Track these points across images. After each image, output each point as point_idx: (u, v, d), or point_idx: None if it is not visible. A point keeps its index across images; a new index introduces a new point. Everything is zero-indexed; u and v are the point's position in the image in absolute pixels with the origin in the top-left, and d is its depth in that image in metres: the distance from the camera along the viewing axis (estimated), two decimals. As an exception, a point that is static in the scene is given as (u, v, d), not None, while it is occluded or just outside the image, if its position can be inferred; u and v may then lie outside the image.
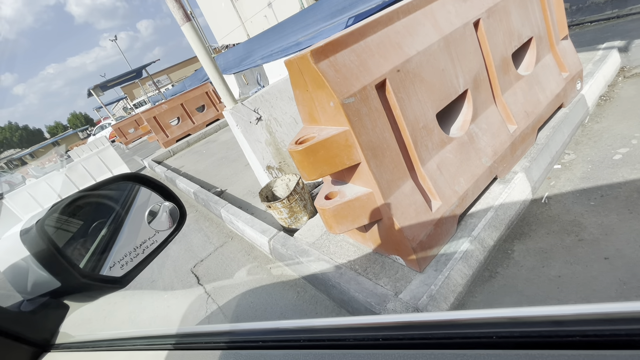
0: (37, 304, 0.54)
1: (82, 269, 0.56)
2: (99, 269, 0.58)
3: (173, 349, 0.40)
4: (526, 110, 2.01)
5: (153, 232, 0.63)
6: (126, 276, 0.59)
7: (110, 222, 0.62)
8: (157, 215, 0.64)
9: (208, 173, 5.43)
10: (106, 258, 0.58)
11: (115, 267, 0.58)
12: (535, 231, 1.76)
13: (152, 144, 11.61)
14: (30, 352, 0.51)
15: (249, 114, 2.77)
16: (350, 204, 1.47)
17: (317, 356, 0.31)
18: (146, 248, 0.61)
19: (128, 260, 0.59)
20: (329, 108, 1.34)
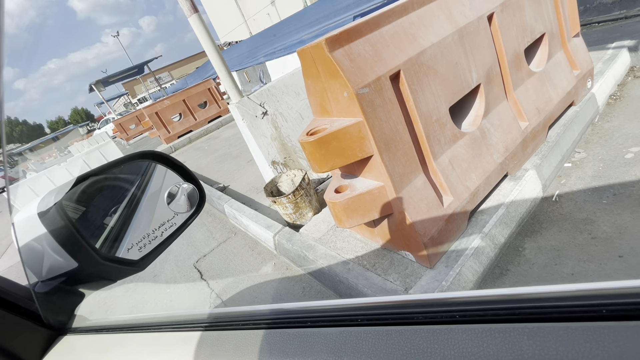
0: (52, 286, 0.51)
1: (100, 251, 0.53)
2: (115, 251, 0.55)
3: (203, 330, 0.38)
4: (537, 107, 1.98)
5: (172, 215, 0.60)
6: (144, 259, 0.57)
7: (126, 202, 0.59)
8: (175, 196, 0.61)
9: (210, 169, 5.40)
10: (122, 240, 0.56)
11: (133, 249, 0.56)
12: (546, 229, 1.74)
13: (153, 140, 11.58)
14: (46, 334, 0.49)
15: (254, 108, 2.74)
16: (361, 197, 1.45)
17: (377, 332, 0.28)
18: (164, 231, 0.59)
19: (146, 242, 0.57)
20: (342, 98, 1.32)
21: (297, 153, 2.95)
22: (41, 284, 0.52)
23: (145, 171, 0.61)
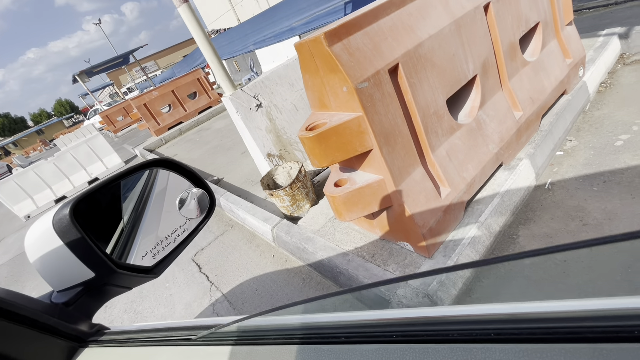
0: (70, 295, 0.51)
1: (115, 259, 0.53)
2: (130, 258, 0.55)
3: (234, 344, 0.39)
4: (531, 97, 2.00)
5: (184, 220, 0.60)
6: (158, 265, 0.57)
7: (138, 210, 0.59)
8: (185, 202, 0.61)
9: (203, 161, 5.35)
10: (135, 247, 0.56)
11: (147, 256, 0.56)
12: (539, 217, 1.79)
13: (142, 132, 11.36)
14: (66, 347, 0.49)
15: (248, 100, 2.71)
16: (361, 191, 1.46)
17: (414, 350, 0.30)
18: (177, 237, 0.59)
19: (160, 249, 0.57)
20: (341, 93, 1.31)
21: (293, 145, 2.94)
22: (58, 294, 0.52)
23: (154, 178, 0.61)
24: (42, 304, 0.48)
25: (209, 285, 2.50)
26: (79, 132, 16.42)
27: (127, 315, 2.54)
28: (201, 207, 0.63)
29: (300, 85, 2.91)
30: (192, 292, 2.51)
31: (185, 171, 0.62)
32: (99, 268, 0.50)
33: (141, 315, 2.48)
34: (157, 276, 0.56)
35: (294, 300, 1.83)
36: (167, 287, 2.71)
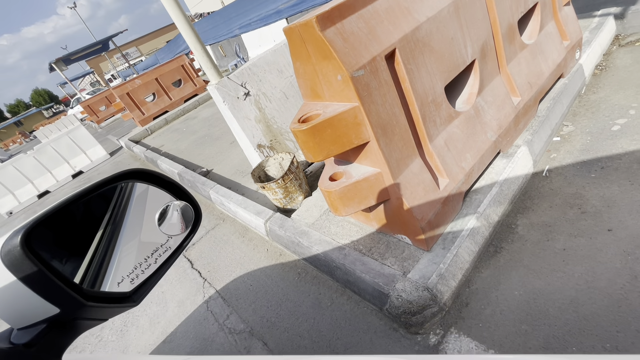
0: (32, 334, 0.44)
1: (85, 289, 0.46)
2: (105, 285, 0.48)
3: None
4: (529, 82, 1.95)
5: (165, 238, 0.53)
6: (137, 291, 0.50)
7: (109, 230, 0.51)
8: (166, 217, 0.54)
9: (191, 152, 5.20)
10: (109, 273, 0.48)
11: (124, 282, 0.49)
12: (538, 205, 1.76)
13: (127, 122, 10.99)
14: None
15: (235, 89, 2.58)
16: (358, 185, 1.40)
17: None
18: (159, 257, 0.51)
19: (139, 272, 0.50)
20: (335, 82, 1.22)
21: (284, 135, 2.84)
22: (18, 333, 0.45)
23: (130, 191, 0.53)
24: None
25: (201, 282, 2.44)
26: (60, 123, 15.82)
27: (118, 316, 2.46)
28: (185, 221, 0.56)
29: (289, 72, 2.79)
30: (184, 289, 2.45)
31: (163, 182, 0.54)
32: (64, 303, 0.43)
33: (133, 315, 2.41)
34: (136, 304, 0.49)
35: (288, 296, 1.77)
36: (158, 284, 2.63)
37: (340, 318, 1.68)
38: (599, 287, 1.32)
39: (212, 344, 1.87)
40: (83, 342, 2.37)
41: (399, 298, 1.44)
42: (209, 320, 2.05)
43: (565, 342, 1.22)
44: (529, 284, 1.44)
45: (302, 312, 1.82)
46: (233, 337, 1.85)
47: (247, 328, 1.87)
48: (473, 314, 1.43)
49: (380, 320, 1.58)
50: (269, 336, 1.77)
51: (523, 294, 1.42)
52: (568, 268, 1.43)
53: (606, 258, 1.40)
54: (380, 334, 1.52)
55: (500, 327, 1.35)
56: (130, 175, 0.50)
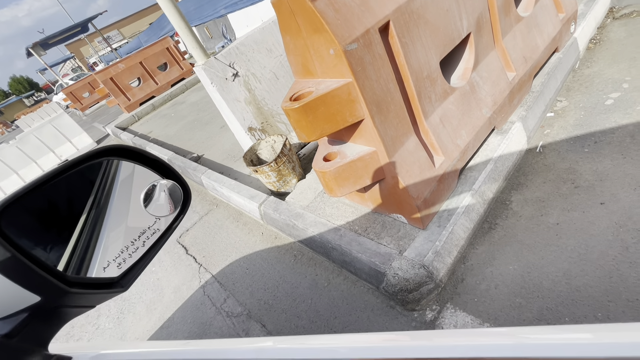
0: (13, 324, 0.41)
1: (67, 275, 0.43)
2: (91, 271, 0.45)
3: None
4: (525, 56, 1.91)
5: (153, 220, 0.50)
6: (125, 276, 0.47)
7: (93, 212, 0.47)
8: (153, 197, 0.50)
9: (180, 138, 5.08)
10: (94, 258, 0.45)
11: (111, 266, 0.46)
12: (531, 181, 1.77)
13: (112, 108, 10.66)
14: None
15: (223, 69, 2.49)
16: (352, 164, 1.37)
17: None
18: (146, 240, 0.48)
19: (125, 256, 0.47)
20: (327, 57, 1.17)
21: (275, 117, 2.78)
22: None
23: (115, 170, 0.49)
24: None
25: (197, 267, 2.43)
26: (42, 111, 15.27)
27: (114, 303, 2.45)
28: (174, 202, 0.52)
29: (279, 50, 2.69)
30: (180, 275, 2.44)
31: (147, 160, 0.50)
32: (44, 290, 0.40)
33: (129, 302, 2.40)
34: (124, 289, 0.46)
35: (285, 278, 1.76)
36: (153, 271, 2.62)
37: (338, 298, 1.69)
38: (591, 259, 1.34)
39: (211, 328, 1.87)
40: (80, 331, 2.36)
41: (396, 276, 1.45)
42: (206, 304, 2.05)
43: (558, 313, 1.24)
44: (523, 258, 1.46)
45: (299, 293, 1.82)
46: (231, 321, 1.85)
47: (245, 311, 1.87)
48: (468, 289, 1.45)
49: (377, 299, 1.59)
50: (267, 318, 1.78)
51: (517, 268, 1.44)
52: (561, 242, 1.45)
53: (599, 231, 1.42)
54: (378, 312, 1.54)
55: (496, 301, 1.37)
56: (110, 152, 0.47)
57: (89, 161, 0.45)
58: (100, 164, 0.51)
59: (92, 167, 0.49)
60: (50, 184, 0.42)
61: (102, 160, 0.47)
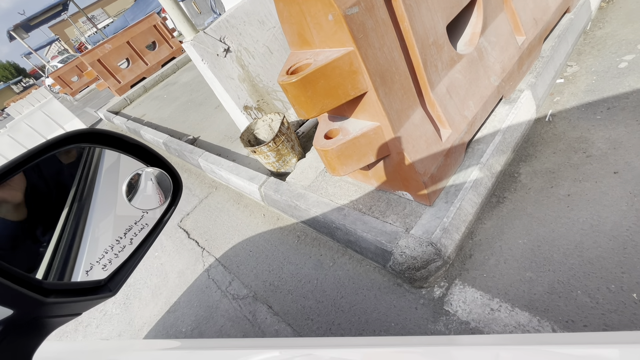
0: (-14, 340, 0.36)
1: (43, 283, 0.37)
2: (70, 275, 0.39)
3: None
4: (535, 18, 1.78)
5: (140, 214, 0.44)
6: (113, 278, 0.42)
7: (70, 208, 0.41)
8: (138, 188, 0.44)
9: (175, 120, 4.95)
10: (76, 260, 0.39)
11: (95, 269, 0.40)
12: (541, 152, 1.70)
13: (103, 92, 10.37)
14: None
15: (214, 44, 2.34)
16: (356, 141, 1.30)
17: None
18: (134, 237, 0.43)
19: (111, 257, 0.41)
20: (326, 23, 1.07)
21: (271, 94, 2.66)
22: (-30, 340, 0.37)
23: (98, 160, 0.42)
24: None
25: (200, 251, 2.41)
26: (32, 98, 14.91)
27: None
28: (163, 191, 0.46)
29: (272, 22, 2.53)
30: (183, 259, 2.42)
31: (126, 144, 0.43)
32: (15, 302, 0.34)
33: (134, 288, 2.40)
34: (113, 294, 0.41)
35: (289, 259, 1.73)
36: (156, 256, 2.61)
37: (344, 277, 1.67)
38: (604, 230, 1.30)
39: (217, 311, 1.87)
40: (88, 318, 2.38)
41: (403, 254, 1.41)
42: (211, 288, 2.04)
43: (570, 286, 1.22)
44: (532, 231, 1.42)
45: (304, 273, 1.81)
46: (237, 303, 1.85)
47: (251, 293, 1.87)
48: (477, 264, 1.43)
49: (384, 277, 1.57)
50: (273, 299, 1.77)
51: (527, 242, 1.40)
52: (573, 214, 1.41)
53: (612, 201, 1.37)
54: (385, 290, 1.52)
55: (505, 276, 1.34)
56: (80, 137, 0.40)
57: (54, 149, 0.38)
58: (80, 152, 0.44)
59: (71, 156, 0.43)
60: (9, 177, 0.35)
61: (72, 147, 0.40)
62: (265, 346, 0.42)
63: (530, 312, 1.21)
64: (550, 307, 1.20)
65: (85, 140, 0.40)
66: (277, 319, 1.66)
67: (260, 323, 1.68)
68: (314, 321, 1.57)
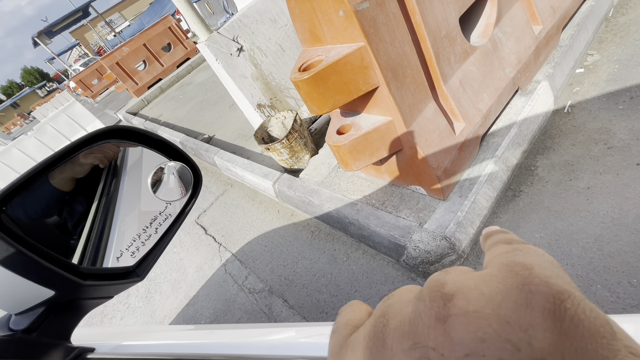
0: (31, 319, 0.40)
1: (80, 267, 0.41)
2: (105, 262, 0.43)
3: None
4: (552, 6, 1.73)
5: (164, 205, 0.47)
6: (140, 265, 0.45)
7: (100, 200, 0.45)
8: (162, 181, 0.47)
9: (190, 119, 5.06)
10: (107, 248, 0.43)
11: (124, 256, 0.44)
12: (559, 144, 1.66)
13: (121, 94, 10.69)
14: None
15: (227, 44, 2.39)
16: (368, 136, 1.31)
17: None
18: (159, 226, 0.46)
19: (139, 245, 0.44)
20: (337, 19, 1.08)
21: (284, 92, 2.69)
22: (17, 318, 0.41)
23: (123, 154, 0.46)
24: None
25: (217, 247, 2.48)
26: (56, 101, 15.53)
27: (142, 283, 2.55)
28: (184, 184, 0.49)
29: (283, 20, 2.55)
30: (201, 254, 2.50)
31: (151, 140, 0.46)
32: (57, 284, 0.38)
33: (154, 282, 2.49)
34: (140, 279, 0.44)
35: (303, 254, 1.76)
36: (175, 252, 2.70)
37: (357, 271, 1.69)
38: (625, 223, 1.26)
39: (234, 304, 1.93)
40: (113, 310, 2.49)
41: (416, 249, 1.42)
42: (228, 282, 2.10)
43: (589, 280, 1.20)
44: (550, 225, 1.40)
45: (318, 268, 1.83)
46: (253, 297, 1.90)
47: (266, 287, 1.91)
48: (492, 259, 1.41)
49: (397, 271, 1.58)
50: (288, 293, 1.80)
51: (544, 236, 1.38)
52: (592, 207, 1.37)
53: (634, 193, 1.33)
54: (399, 284, 1.53)
55: (521, 270, 1.33)
56: (110, 133, 0.43)
57: (90, 144, 0.41)
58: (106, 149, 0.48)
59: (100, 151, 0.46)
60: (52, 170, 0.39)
61: (104, 142, 0.43)
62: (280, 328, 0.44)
63: (548, 306, 1.19)
64: (568, 302, 1.18)
65: (115, 136, 0.44)
66: (293, 312, 1.70)
67: (276, 316, 1.72)
68: (329, 314, 1.60)
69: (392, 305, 0.17)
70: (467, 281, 0.15)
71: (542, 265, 0.15)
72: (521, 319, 0.12)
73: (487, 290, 0.14)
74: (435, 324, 0.14)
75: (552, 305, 0.13)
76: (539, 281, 0.13)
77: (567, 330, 0.12)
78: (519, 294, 0.13)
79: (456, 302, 0.14)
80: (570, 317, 0.12)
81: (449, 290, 0.15)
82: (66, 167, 0.42)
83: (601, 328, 0.12)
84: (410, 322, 0.15)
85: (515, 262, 0.15)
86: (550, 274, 0.14)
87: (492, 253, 0.18)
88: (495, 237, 0.20)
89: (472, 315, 0.13)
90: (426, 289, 0.16)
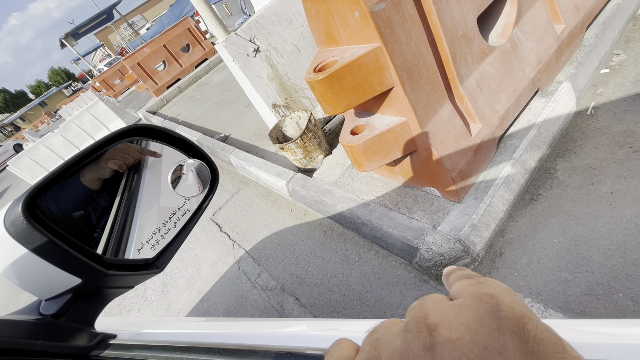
0: (59, 304, 0.42)
1: (104, 258, 0.43)
2: (128, 253, 0.45)
3: None
4: (576, 5, 1.68)
5: (182, 200, 0.49)
6: (160, 257, 0.47)
7: (123, 195, 0.47)
8: (181, 178, 0.49)
9: (207, 119, 5.17)
10: (129, 240, 0.45)
11: (145, 248, 0.46)
12: (581, 147, 1.61)
13: (142, 93, 11.01)
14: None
15: (244, 45, 2.43)
16: (382, 137, 1.31)
17: None
18: (177, 221, 0.48)
19: (158, 238, 0.47)
20: (352, 20, 1.09)
21: (299, 92, 2.71)
22: (46, 304, 0.43)
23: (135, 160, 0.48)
24: (24, 324, 0.39)
25: (231, 244, 2.52)
26: (80, 100, 16.14)
27: (158, 278, 2.63)
28: (202, 181, 0.51)
29: (300, 21, 2.58)
30: (215, 251, 2.55)
31: (172, 139, 0.49)
32: (83, 272, 0.40)
33: (170, 277, 2.56)
34: (160, 270, 0.46)
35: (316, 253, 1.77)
36: (190, 247, 2.76)
37: (369, 272, 1.69)
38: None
39: (247, 301, 1.96)
40: (130, 302, 2.57)
41: (429, 251, 1.41)
42: (242, 279, 2.13)
43: (610, 288, 1.16)
44: (570, 230, 1.36)
45: (330, 268, 1.84)
46: (266, 294, 1.92)
47: (279, 285, 1.93)
48: (507, 263, 1.38)
49: (410, 273, 1.57)
50: (300, 292, 1.82)
51: (563, 241, 1.34)
52: (615, 212, 1.32)
53: (661, 199, 1.27)
54: (411, 286, 1.52)
55: (538, 275, 1.30)
56: (134, 131, 0.45)
57: (115, 141, 0.44)
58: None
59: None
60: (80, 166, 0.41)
61: (128, 140, 0.46)
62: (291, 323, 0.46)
63: (565, 314, 1.16)
64: (587, 309, 1.14)
65: (139, 134, 0.46)
66: (304, 311, 1.71)
67: (288, 314, 1.74)
68: (340, 314, 1.60)
69: (380, 339, 0.19)
70: (445, 311, 0.17)
71: (503, 293, 0.17)
72: (495, 343, 0.14)
73: (464, 319, 0.16)
74: (425, 353, 0.16)
75: (518, 327, 0.15)
76: (505, 307, 0.16)
77: (531, 349, 0.14)
78: (490, 320, 0.15)
79: (440, 331, 0.16)
80: (533, 337, 0.14)
81: (433, 321, 0.17)
82: (94, 168, 0.45)
83: (556, 344, 0.14)
84: (402, 353, 0.17)
85: (482, 293, 0.17)
86: (511, 299, 0.16)
87: (458, 286, 0.20)
88: (456, 273, 0.23)
89: (456, 342, 0.15)
90: (411, 320, 0.18)
